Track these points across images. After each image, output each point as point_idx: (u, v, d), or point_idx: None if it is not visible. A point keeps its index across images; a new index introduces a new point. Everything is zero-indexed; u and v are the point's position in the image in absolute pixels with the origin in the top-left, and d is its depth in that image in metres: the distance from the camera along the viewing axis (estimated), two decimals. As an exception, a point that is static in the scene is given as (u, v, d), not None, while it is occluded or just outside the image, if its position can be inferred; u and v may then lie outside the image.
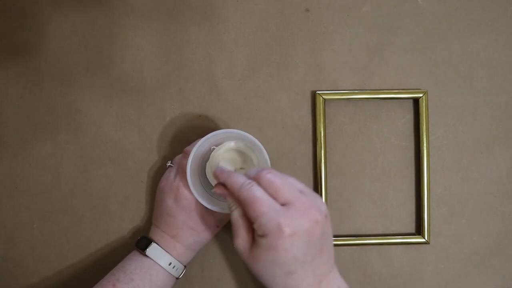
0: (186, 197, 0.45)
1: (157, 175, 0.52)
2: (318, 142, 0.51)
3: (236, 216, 0.38)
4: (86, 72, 0.52)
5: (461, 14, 0.52)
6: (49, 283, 0.52)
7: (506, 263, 0.52)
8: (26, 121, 0.52)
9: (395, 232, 0.53)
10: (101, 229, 0.52)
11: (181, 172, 0.46)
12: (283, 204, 0.37)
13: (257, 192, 0.37)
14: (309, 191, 0.39)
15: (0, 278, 0.52)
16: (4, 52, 0.52)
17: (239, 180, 0.38)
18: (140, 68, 0.52)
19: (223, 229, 0.49)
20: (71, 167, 0.52)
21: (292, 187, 0.38)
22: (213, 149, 0.46)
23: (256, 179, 0.38)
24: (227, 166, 0.46)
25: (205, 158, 0.47)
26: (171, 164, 0.49)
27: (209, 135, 0.44)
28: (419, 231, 0.52)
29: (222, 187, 0.40)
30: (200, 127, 0.52)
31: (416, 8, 0.52)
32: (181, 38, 0.52)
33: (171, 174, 0.48)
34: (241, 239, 0.38)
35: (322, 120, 0.51)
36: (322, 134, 0.51)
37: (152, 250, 0.45)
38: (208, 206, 0.44)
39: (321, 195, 0.51)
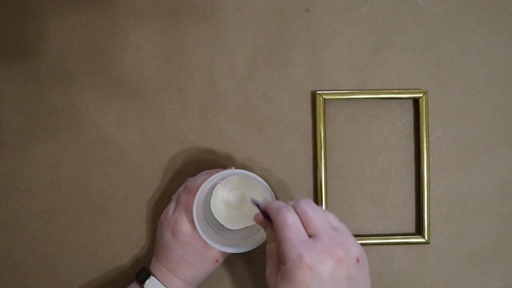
0: (184, 232, 0.45)
1: (157, 175, 0.52)
2: (318, 142, 0.51)
3: (272, 248, 0.38)
4: (86, 72, 0.52)
5: (461, 14, 0.52)
6: (49, 283, 0.52)
7: (506, 263, 0.52)
8: (26, 121, 0.52)
9: (395, 232, 0.53)
10: (101, 229, 0.52)
11: (181, 206, 0.46)
12: (311, 236, 0.36)
13: (290, 219, 0.37)
14: (345, 231, 0.38)
15: (0, 278, 0.52)
16: (4, 52, 0.52)
17: (278, 205, 0.38)
18: (140, 68, 0.52)
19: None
20: (71, 167, 0.52)
21: (325, 221, 0.37)
22: (219, 182, 0.48)
23: (294, 207, 0.38)
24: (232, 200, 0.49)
25: (207, 193, 0.48)
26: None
27: (216, 175, 0.45)
28: (419, 231, 0.52)
29: (260, 216, 0.40)
30: (200, 127, 0.52)
31: (416, 8, 0.52)
32: (181, 38, 0.52)
33: (170, 207, 0.48)
34: (270, 269, 0.38)
35: (322, 120, 0.51)
36: (322, 134, 0.51)
37: (150, 283, 0.46)
38: (212, 244, 0.44)
39: (321, 195, 0.51)
